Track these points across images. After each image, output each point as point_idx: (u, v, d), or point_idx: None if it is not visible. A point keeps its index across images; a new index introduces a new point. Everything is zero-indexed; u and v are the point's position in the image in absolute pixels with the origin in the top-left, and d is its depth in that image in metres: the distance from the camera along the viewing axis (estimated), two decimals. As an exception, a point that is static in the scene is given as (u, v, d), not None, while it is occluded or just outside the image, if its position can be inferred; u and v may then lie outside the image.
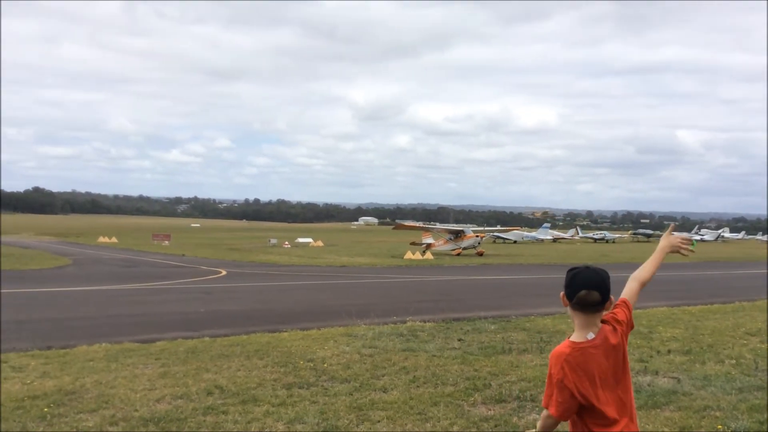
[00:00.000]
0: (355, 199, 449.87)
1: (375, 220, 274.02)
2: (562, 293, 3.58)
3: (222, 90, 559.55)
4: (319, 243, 78.13)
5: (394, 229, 79.87)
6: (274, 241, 76.90)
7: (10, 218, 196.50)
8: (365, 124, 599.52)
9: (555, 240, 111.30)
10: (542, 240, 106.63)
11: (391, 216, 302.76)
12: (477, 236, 60.37)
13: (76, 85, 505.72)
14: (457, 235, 61.09)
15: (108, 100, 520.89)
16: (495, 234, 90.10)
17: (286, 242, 75.47)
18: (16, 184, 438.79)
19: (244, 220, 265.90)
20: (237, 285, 28.25)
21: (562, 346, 3.55)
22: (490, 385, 10.08)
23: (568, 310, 3.59)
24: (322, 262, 45.29)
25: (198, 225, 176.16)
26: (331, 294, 25.45)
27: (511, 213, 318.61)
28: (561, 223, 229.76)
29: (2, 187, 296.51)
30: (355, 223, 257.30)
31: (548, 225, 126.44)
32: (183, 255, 50.49)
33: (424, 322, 16.52)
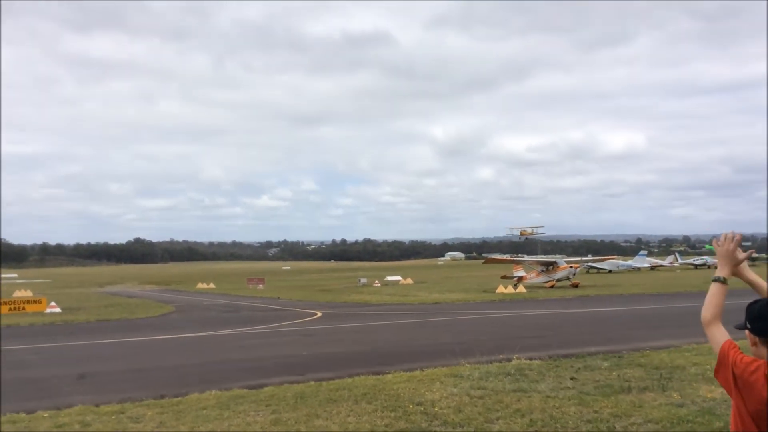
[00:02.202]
0: (440, 234, 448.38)
1: (461, 255, 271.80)
2: (746, 330, 3.29)
3: (306, 135, 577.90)
4: (409, 280, 77.97)
5: (484, 263, 78.88)
6: (364, 280, 77.32)
7: (114, 269, 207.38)
8: (447, 159, 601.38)
9: (653, 268, 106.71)
10: (639, 268, 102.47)
11: (477, 250, 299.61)
12: (570, 267, 58.56)
13: (170, 139, 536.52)
14: (550, 266, 59.51)
15: (200, 152, 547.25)
16: (589, 264, 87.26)
17: (376, 281, 75.71)
18: (119, 236, 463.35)
19: (332, 261, 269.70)
20: (334, 326, 28.37)
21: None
22: (615, 428, 9.51)
23: (754, 346, 3.27)
24: (414, 300, 45.00)
25: (289, 267, 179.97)
26: (429, 332, 25.13)
27: (602, 241, 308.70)
28: (656, 250, 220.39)
29: (103, 240, 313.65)
30: (442, 258, 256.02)
31: (645, 253, 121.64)
32: (278, 298, 51.42)
33: (531, 359, 15.95)
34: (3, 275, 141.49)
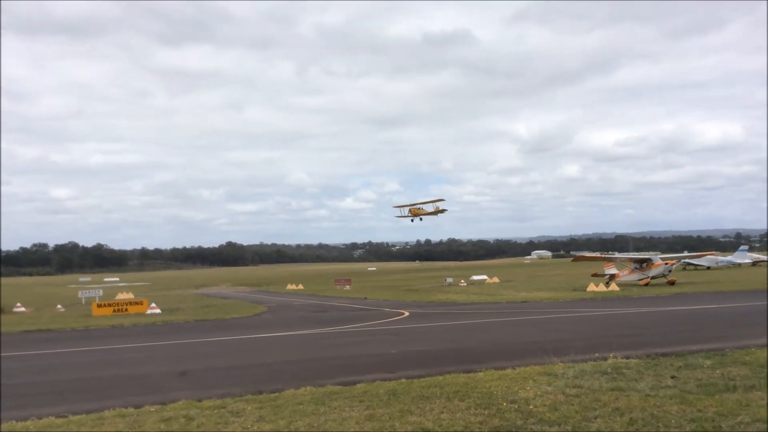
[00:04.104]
0: (525, 233, 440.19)
1: (549, 253, 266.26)
2: None
3: (388, 136, 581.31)
4: (495, 279, 77.12)
5: (573, 261, 76.88)
6: (449, 280, 77.05)
7: (208, 271, 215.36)
8: (531, 157, 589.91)
9: (754, 263, 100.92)
10: (740, 264, 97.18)
11: (564, 248, 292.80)
12: (666, 264, 56.28)
13: (257, 145, 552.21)
14: (644, 263, 57.39)
15: (286, 157, 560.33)
16: (685, 260, 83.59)
17: (462, 280, 75.33)
18: (212, 240, 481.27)
19: (417, 261, 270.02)
20: (422, 325, 28.42)
21: None
22: (720, 427, 9.10)
23: None
24: (501, 299, 44.48)
25: (374, 268, 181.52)
26: (519, 331, 24.80)
27: (699, 237, 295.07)
28: (758, 245, 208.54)
29: (197, 244, 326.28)
30: (528, 257, 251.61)
31: (746, 248, 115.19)
32: (365, 298, 52.01)
33: (627, 358, 15.45)
34: (106, 279, 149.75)
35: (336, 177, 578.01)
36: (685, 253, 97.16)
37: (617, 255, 76.51)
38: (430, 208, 55.62)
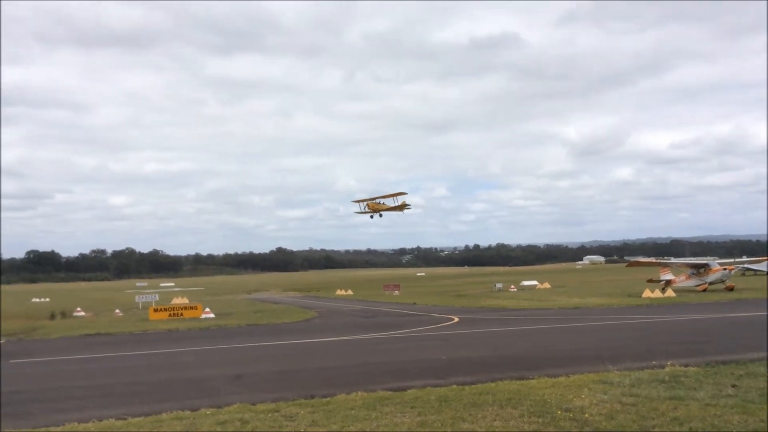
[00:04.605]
0: (576, 237, 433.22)
1: (601, 259, 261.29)
2: None
3: (436, 141, 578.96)
4: (546, 285, 76.08)
5: (627, 266, 75.05)
6: (499, 285, 76.34)
7: (259, 277, 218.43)
8: (581, 160, 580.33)
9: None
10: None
11: (617, 253, 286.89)
12: (724, 269, 54.54)
13: (306, 152, 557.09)
14: (701, 269, 55.74)
15: (335, 163, 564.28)
16: (744, 266, 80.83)
17: (512, 286, 74.54)
18: (262, 245, 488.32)
19: (466, 266, 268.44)
20: (472, 331, 28.24)
21: None
22: (786, 439, 8.77)
23: None
24: (552, 305, 43.85)
25: (423, 273, 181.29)
26: (572, 338, 24.41)
27: (758, 241, 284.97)
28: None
29: (248, 250, 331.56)
30: (580, 262, 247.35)
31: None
32: (414, 303, 51.98)
33: (685, 366, 15.04)
34: (161, 284, 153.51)
35: (384, 182, 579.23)
36: (744, 258, 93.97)
37: (673, 260, 74.41)
38: (391, 202, 49.87)
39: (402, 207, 49.74)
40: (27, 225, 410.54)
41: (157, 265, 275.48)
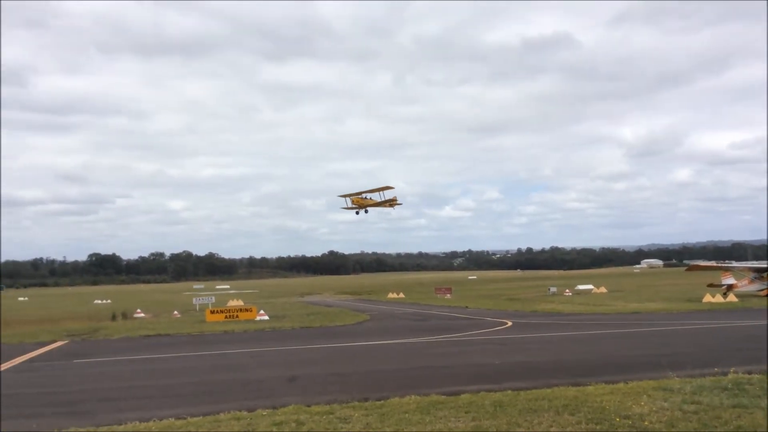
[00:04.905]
0: (633, 241, 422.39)
1: (659, 262, 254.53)
2: None
3: (487, 144, 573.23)
4: (602, 289, 74.56)
5: (687, 270, 72.97)
6: (553, 289, 75.22)
7: (312, 279, 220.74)
8: (638, 161, 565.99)
9: None
10: None
11: (676, 257, 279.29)
12: (790, 273, 52.45)
13: (357, 156, 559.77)
14: (764, 272, 53.75)
15: (385, 166, 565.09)
16: (812, 269, 77.51)
17: (567, 290, 73.34)
18: (315, 249, 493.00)
19: (519, 270, 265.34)
20: (526, 336, 27.90)
21: None
22: None
23: None
24: (609, 310, 42.96)
25: (475, 277, 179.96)
26: (630, 343, 23.84)
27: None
28: None
29: (301, 253, 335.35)
30: (638, 266, 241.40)
31: None
32: (466, 307, 51.66)
33: (749, 373, 14.54)
34: (217, 286, 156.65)
35: (435, 186, 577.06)
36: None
37: (735, 264, 71.94)
38: (378, 197, 46.07)
39: (392, 203, 46.69)
40: (89, 229, 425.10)
41: (212, 267, 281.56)
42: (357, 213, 45.94)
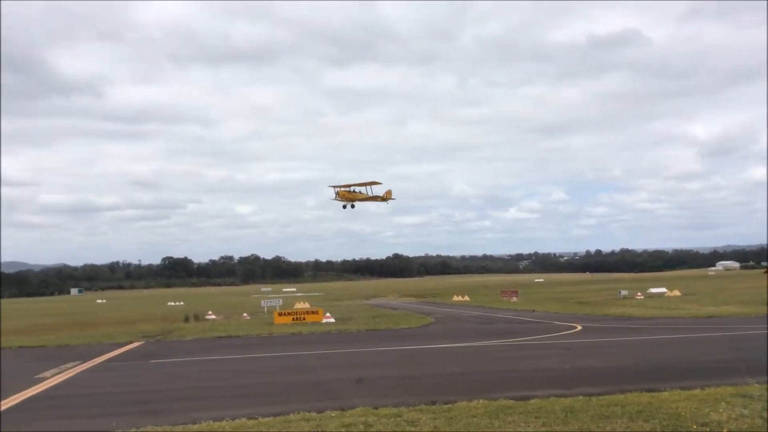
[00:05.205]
0: (708, 242, 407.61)
1: (736, 264, 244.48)
2: None
3: (553, 144, 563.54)
4: (676, 292, 72.14)
5: (766, 272, 69.87)
6: (624, 292, 73.25)
7: (376, 282, 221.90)
8: (711, 160, 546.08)
9: None
10: None
11: (755, 258, 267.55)
12: None
13: (420, 159, 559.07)
14: None
15: (449, 169, 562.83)
16: None
17: (638, 293, 71.29)
18: (379, 252, 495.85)
19: (588, 273, 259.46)
20: (597, 340, 27.26)
21: None
22: None
23: None
24: (683, 313, 41.53)
25: (542, 280, 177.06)
26: (707, 348, 22.99)
27: None
28: None
29: (365, 256, 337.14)
30: (713, 268, 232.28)
31: None
32: (533, 310, 50.87)
33: (838, 382, 13.79)
34: (284, 289, 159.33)
35: (499, 187, 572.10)
36: None
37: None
38: (367, 191, 44.92)
39: (386, 197, 46.08)
40: (162, 233, 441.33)
41: (279, 270, 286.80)
42: (344, 207, 45.33)
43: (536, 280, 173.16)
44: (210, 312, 57.21)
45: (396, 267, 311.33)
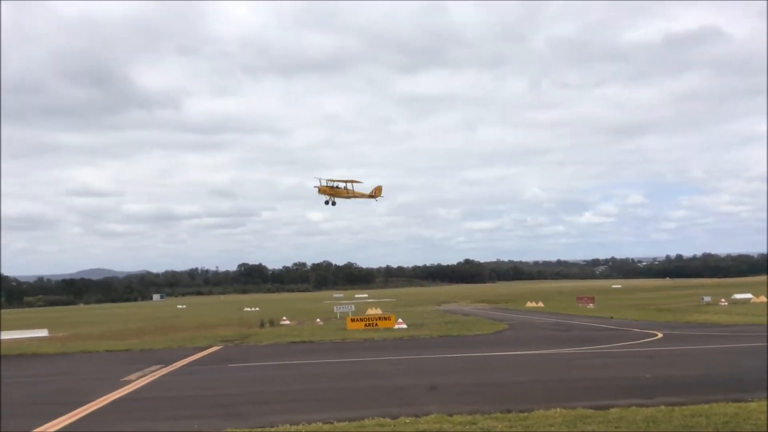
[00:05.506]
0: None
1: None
2: None
3: (629, 146, 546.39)
4: (762, 298, 68.65)
5: None
6: (707, 298, 70.27)
7: (447, 288, 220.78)
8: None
9: None
10: None
11: None
12: None
13: (491, 163, 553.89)
14: None
15: (521, 173, 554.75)
16: None
17: (722, 299, 68.25)
18: (450, 257, 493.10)
19: (668, 278, 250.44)
20: (679, 348, 26.27)
21: None
22: None
23: None
24: (773, 321, 39.44)
25: (619, 286, 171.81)
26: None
27: None
28: None
29: (437, 262, 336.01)
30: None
31: None
32: (611, 317, 49.47)
33: None
34: (356, 295, 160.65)
35: (573, 191, 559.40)
36: None
37: None
38: (343, 185, 45.14)
39: (375, 195, 46.03)
40: (238, 240, 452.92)
41: (351, 276, 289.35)
42: (326, 203, 45.51)
43: (613, 286, 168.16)
44: (284, 318, 58.29)
45: (467, 272, 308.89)
